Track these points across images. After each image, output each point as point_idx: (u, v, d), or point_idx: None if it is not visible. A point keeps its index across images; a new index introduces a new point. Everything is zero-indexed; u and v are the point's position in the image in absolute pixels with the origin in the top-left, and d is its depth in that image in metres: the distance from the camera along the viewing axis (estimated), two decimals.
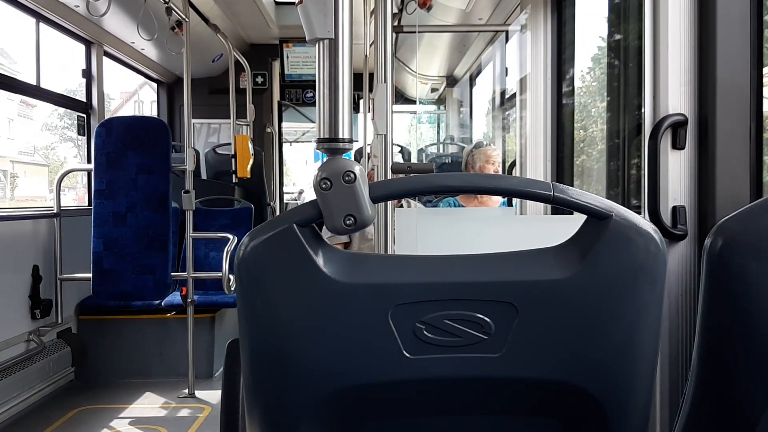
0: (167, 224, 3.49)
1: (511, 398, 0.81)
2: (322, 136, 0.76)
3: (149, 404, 3.44)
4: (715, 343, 0.84)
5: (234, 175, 4.66)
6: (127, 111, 6.67)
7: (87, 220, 3.55)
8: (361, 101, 5.10)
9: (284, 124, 6.91)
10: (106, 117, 4.16)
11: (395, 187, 0.83)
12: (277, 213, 6.10)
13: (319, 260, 0.74)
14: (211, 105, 5.74)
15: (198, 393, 3.56)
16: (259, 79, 6.11)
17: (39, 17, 3.73)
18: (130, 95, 6.22)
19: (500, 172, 3.23)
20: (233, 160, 4.62)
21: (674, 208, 1.43)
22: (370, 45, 3.70)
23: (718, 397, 0.84)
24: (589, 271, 0.75)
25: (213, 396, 3.54)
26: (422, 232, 1.65)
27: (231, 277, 3.49)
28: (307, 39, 0.76)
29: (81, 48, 4.28)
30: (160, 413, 3.31)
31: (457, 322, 0.75)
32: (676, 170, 1.43)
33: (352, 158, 0.83)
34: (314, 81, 0.78)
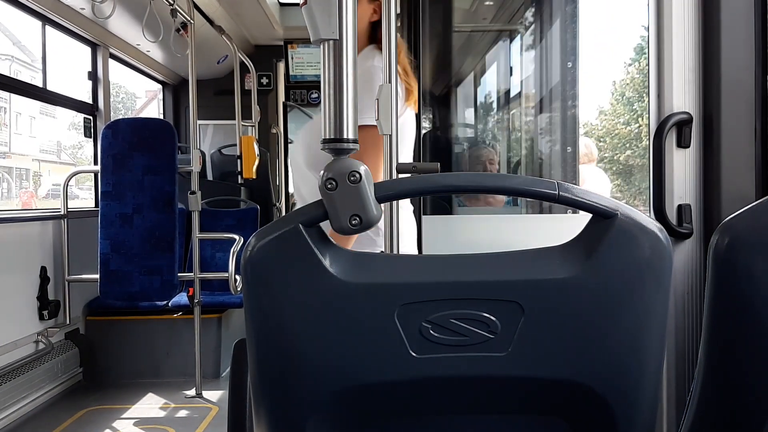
0: (173, 225, 3.50)
1: (518, 397, 0.81)
2: (327, 137, 0.77)
3: (156, 404, 3.45)
4: (722, 341, 0.84)
5: (240, 176, 4.67)
6: (152, 109, 6.70)
7: (94, 221, 3.57)
8: None
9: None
10: (134, 116, 4.18)
11: (401, 187, 0.84)
12: (283, 213, 6.11)
13: (326, 260, 0.74)
14: (216, 106, 5.76)
15: (205, 393, 3.58)
16: (264, 80, 6.12)
17: (45, 20, 3.75)
18: (155, 94, 6.24)
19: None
20: (239, 161, 4.63)
21: (680, 206, 1.43)
22: None
23: (725, 395, 0.84)
24: (594, 270, 0.75)
25: (220, 396, 3.56)
26: (427, 232, 1.66)
27: (237, 277, 3.50)
28: (311, 40, 0.77)
29: (87, 50, 4.30)
30: (167, 413, 3.33)
31: (463, 322, 0.75)
32: (682, 169, 1.43)
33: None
34: (319, 82, 0.78)
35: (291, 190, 7.09)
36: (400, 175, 1.77)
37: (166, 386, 3.72)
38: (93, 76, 4.33)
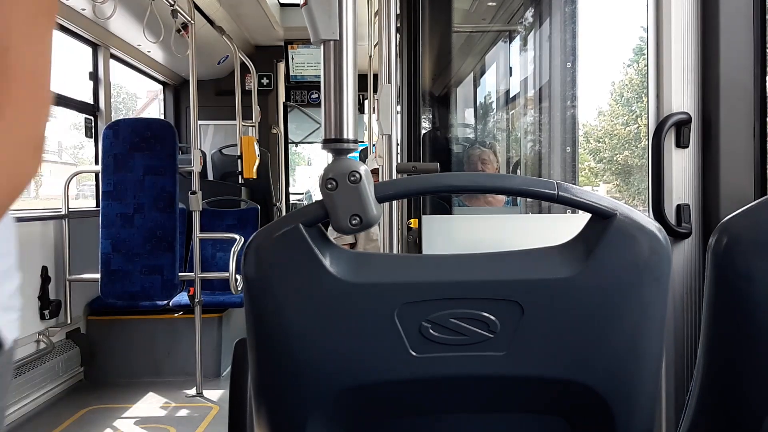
0: (174, 225, 3.51)
1: (517, 396, 0.81)
2: (327, 137, 0.77)
3: (157, 404, 3.46)
4: (720, 341, 0.84)
5: (240, 176, 4.67)
6: (153, 110, 6.70)
7: (95, 221, 3.58)
8: (366, 102, 5.10)
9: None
10: (135, 116, 4.18)
11: (401, 187, 0.84)
12: (284, 213, 6.11)
13: (326, 260, 0.74)
14: (217, 106, 5.76)
15: (206, 392, 3.58)
16: (265, 81, 6.12)
17: None
18: (155, 94, 6.23)
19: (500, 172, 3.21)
20: (239, 161, 4.63)
21: (678, 206, 1.43)
22: (375, 46, 3.71)
23: (723, 394, 0.84)
24: (593, 270, 0.75)
25: (221, 395, 3.56)
26: (427, 232, 1.66)
27: (238, 277, 3.51)
28: (312, 40, 0.77)
29: (88, 51, 4.30)
30: (168, 413, 3.33)
31: (462, 321, 0.76)
32: (680, 169, 1.43)
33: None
34: (319, 82, 0.78)
35: (291, 189, 7.10)
36: (400, 175, 1.78)
37: (166, 385, 3.72)
38: (94, 76, 4.33)
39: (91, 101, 4.31)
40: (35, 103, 0.57)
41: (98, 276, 3.47)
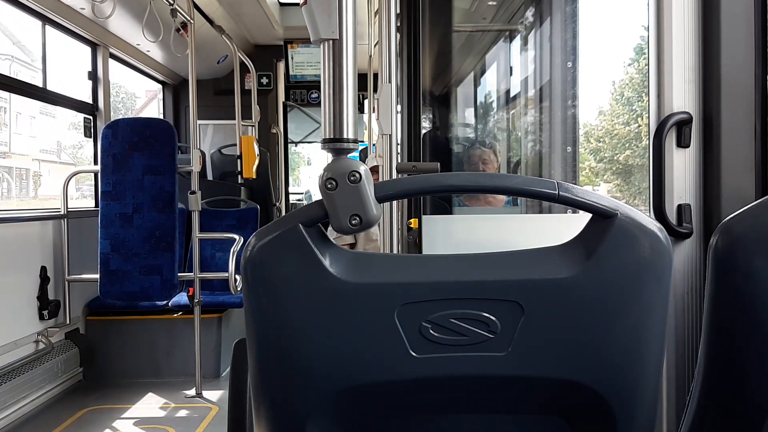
0: (174, 225, 3.50)
1: (518, 396, 0.81)
2: (327, 137, 0.77)
3: (156, 404, 3.45)
4: (721, 341, 0.84)
5: (240, 176, 4.67)
6: (152, 109, 6.70)
7: (94, 221, 3.57)
8: (366, 101, 5.10)
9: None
10: (134, 116, 4.18)
11: (401, 186, 0.84)
12: (283, 213, 6.11)
13: (326, 260, 0.74)
14: (216, 106, 5.76)
15: (205, 393, 3.58)
16: (264, 80, 6.12)
17: (45, 20, 3.75)
18: (155, 93, 6.24)
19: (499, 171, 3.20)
20: (239, 160, 4.63)
21: (679, 206, 1.43)
22: (375, 45, 3.71)
23: (724, 395, 0.84)
24: (594, 270, 0.75)
25: (220, 396, 3.56)
26: (428, 232, 1.66)
27: (237, 277, 3.50)
28: (311, 40, 0.77)
29: (87, 50, 4.30)
30: (167, 413, 3.33)
31: (463, 321, 0.76)
32: (681, 168, 1.43)
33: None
34: (319, 81, 0.78)
35: (291, 189, 7.10)
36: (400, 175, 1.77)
37: (166, 386, 3.72)
38: (93, 75, 4.33)
39: (90, 101, 4.31)
40: None
41: (97, 276, 3.47)
